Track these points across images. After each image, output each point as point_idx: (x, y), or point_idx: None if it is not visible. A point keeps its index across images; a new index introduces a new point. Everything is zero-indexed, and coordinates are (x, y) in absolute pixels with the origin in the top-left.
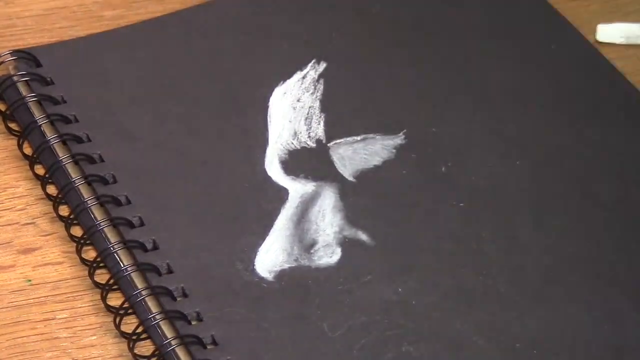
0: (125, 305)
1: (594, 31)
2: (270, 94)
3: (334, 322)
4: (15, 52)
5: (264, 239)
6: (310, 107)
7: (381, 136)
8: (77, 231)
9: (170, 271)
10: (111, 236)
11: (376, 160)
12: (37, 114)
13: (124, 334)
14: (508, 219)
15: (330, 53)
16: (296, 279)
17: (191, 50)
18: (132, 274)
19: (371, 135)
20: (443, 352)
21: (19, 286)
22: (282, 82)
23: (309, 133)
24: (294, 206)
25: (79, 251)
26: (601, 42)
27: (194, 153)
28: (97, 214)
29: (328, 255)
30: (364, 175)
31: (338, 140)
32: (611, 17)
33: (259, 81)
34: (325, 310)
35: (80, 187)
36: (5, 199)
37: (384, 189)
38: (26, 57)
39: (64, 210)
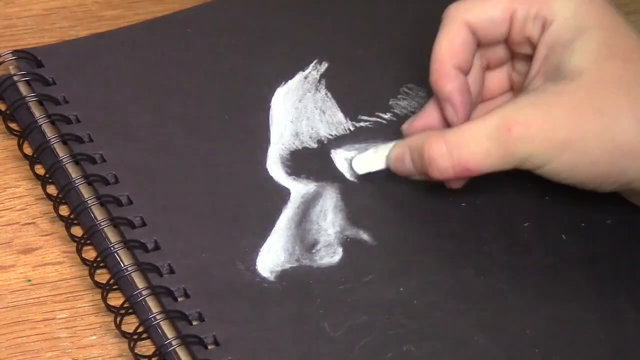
0: (126, 305)
1: None
2: (272, 94)
3: (336, 322)
4: (15, 52)
5: (265, 239)
6: (312, 108)
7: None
8: (77, 231)
9: (171, 271)
10: (112, 236)
11: None
12: (38, 114)
13: (124, 334)
14: (509, 218)
15: (332, 53)
16: (297, 279)
17: (192, 51)
18: (132, 274)
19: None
20: (444, 351)
21: (19, 286)
22: (284, 83)
23: (311, 133)
24: (296, 206)
25: (79, 251)
26: None
27: (196, 153)
28: (98, 213)
29: (329, 255)
30: (365, 175)
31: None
32: None
33: (260, 81)
34: (326, 310)
35: (80, 187)
36: (5, 199)
37: (385, 189)
38: (27, 57)
39: (64, 210)
